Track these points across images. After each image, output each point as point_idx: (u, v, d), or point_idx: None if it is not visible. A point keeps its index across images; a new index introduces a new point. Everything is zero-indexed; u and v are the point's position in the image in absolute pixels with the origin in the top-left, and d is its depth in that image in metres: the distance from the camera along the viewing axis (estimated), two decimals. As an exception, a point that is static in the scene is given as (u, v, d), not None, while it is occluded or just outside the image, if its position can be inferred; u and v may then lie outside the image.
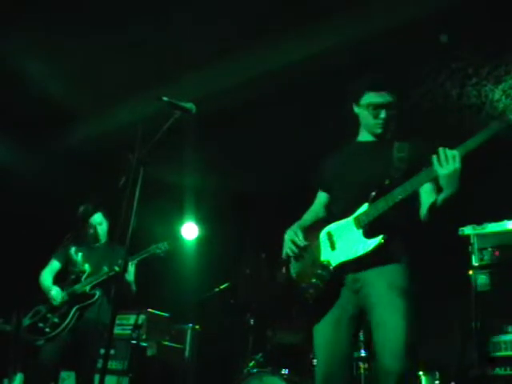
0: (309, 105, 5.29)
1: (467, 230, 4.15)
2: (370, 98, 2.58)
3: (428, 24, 4.17)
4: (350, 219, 2.49)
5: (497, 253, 4.05)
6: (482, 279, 4.01)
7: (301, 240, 2.58)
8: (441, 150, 2.23)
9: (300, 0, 4.19)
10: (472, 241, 4.12)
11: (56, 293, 4.18)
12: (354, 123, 2.78)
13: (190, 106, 2.74)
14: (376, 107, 2.57)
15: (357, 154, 2.69)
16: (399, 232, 2.44)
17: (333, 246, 2.52)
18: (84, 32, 4.63)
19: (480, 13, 4.04)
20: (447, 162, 2.20)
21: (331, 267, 2.47)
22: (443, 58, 4.62)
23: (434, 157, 2.24)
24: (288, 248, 2.63)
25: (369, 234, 2.40)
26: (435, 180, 2.33)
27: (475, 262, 4.09)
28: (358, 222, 2.45)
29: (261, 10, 4.29)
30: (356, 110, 2.70)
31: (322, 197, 2.84)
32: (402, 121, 2.67)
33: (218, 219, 6.99)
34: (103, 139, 6.05)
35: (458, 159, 2.19)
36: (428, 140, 2.59)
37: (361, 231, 2.43)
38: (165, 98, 2.70)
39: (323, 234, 2.59)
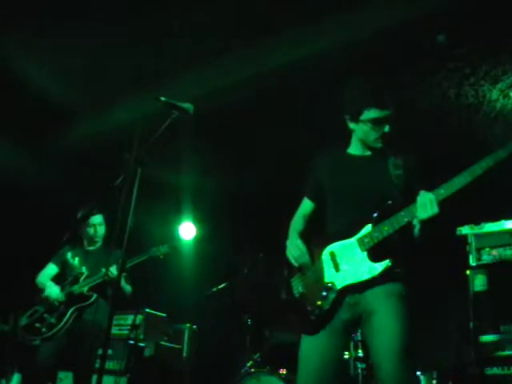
0: (308, 105, 5.29)
1: (465, 230, 4.16)
2: (373, 113, 2.48)
3: (425, 24, 4.18)
4: (354, 240, 2.46)
5: (494, 252, 4.05)
6: (479, 279, 4.02)
7: (307, 259, 2.54)
8: (421, 193, 2.31)
9: (300, 0, 4.19)
10: (469, 240, 4.13)
11: (51, 290, 4.17)
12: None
13: (187, 106, 2.74)
14: (380, 122, 2.50)
15: (352, 168, 2.63)
16: (402, 255, 2.45)
17: (337, 268, 2.48)
18: (83, 31, 4.62)
19: (477, 12, 4.04)
20: (425, 207, 2.28)
21: (336, 289, 2.45)
22: (440, 58, 4.62)
23: (418, 198, 2.31)
24: (297, 257, 2.57)
25: (374, 257, 2.40)
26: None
27: (473, 262, 4.10)
28: (363, 245, 2.43)
29: (260, 10, 4.29)
30: (352, 126, 2.60)
31: (307, 205, 2.80)
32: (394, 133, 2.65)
33: (215, 219, 6.99)
34: (101, 139, 6.04)
35: (434, 204, 2.27)
36: (416, 154, 2.62)
37: (365, 254, 2.42)
38: (163, 98, 2.69)
39: (326, 254, 2.54)
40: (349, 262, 2.45)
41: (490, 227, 4.13)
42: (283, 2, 4.22)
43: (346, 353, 4.14)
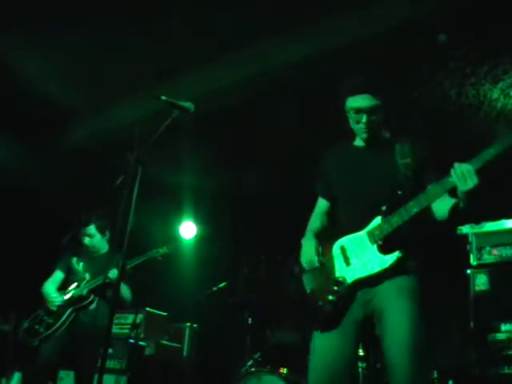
0: (308, 105, 5.29)
1: (465, 229, 4.16)
2: (351, 102, 2.50)
3: (426, 23, 4.17)
4: (363, 233, 2.45)
5: (495, 252, 4.05)
6: (480, 278, 4.02)
7: (321, 257, 2.52)
8: (456, 165, 2.20)
9: (300, 0, 4.19)
10: (470, 240, 4.12)
11: (50, 296, 4.22)
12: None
13: (188, 105, 2.74)
14: (357, 112, 2.50)
15: (359, 160, 2.62)
16: (413, 246, 2.42)
17: (347, 262, 2.47)
18: (83, 31, 4.62)
19: (478, 12, 4.04)
20: (465, 179, 2.17)
21: (347, 284, 2.44)
22: (441, 58, 4.62)
23: (453, 172, 2.20)
24: (307, 263, 2.56)
25: (384, 250, 2.38)
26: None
27: (473, 261, 4.09)
28: (372, 237, 2.41)
29: (260, 10, 4.29)
30: (347, 115, 2.62)
31: (322, 204, 2.79)
32: (394, 121, 2.63)
33: (216, 218, 6.99)
34: (101, 138, 6.04)
35: (473, 174, 2.16)
36: (427, 140, 2.58)
37: (375, 246, 2.40)
38: (163, 97, 2.70)
39: (336, 248, 2.54)
40: (359, 256, 2.44)
41: (490, 226, 4.13)
42: (283, 2, 4.22)
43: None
